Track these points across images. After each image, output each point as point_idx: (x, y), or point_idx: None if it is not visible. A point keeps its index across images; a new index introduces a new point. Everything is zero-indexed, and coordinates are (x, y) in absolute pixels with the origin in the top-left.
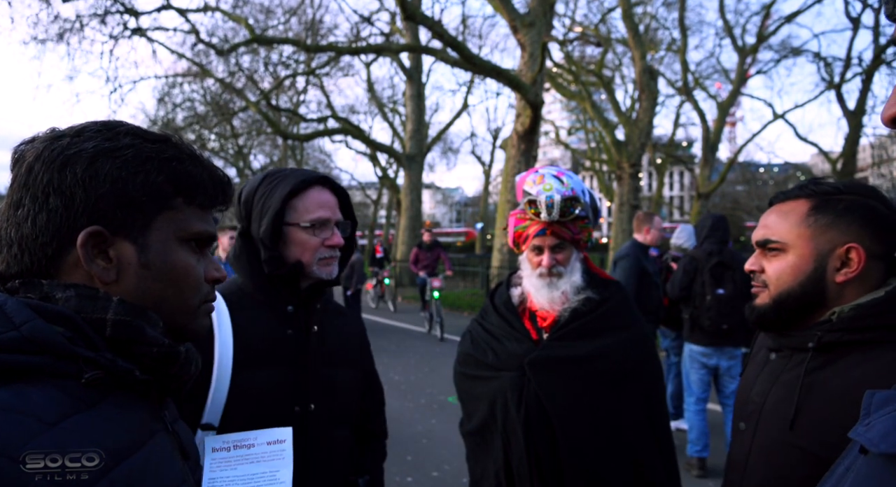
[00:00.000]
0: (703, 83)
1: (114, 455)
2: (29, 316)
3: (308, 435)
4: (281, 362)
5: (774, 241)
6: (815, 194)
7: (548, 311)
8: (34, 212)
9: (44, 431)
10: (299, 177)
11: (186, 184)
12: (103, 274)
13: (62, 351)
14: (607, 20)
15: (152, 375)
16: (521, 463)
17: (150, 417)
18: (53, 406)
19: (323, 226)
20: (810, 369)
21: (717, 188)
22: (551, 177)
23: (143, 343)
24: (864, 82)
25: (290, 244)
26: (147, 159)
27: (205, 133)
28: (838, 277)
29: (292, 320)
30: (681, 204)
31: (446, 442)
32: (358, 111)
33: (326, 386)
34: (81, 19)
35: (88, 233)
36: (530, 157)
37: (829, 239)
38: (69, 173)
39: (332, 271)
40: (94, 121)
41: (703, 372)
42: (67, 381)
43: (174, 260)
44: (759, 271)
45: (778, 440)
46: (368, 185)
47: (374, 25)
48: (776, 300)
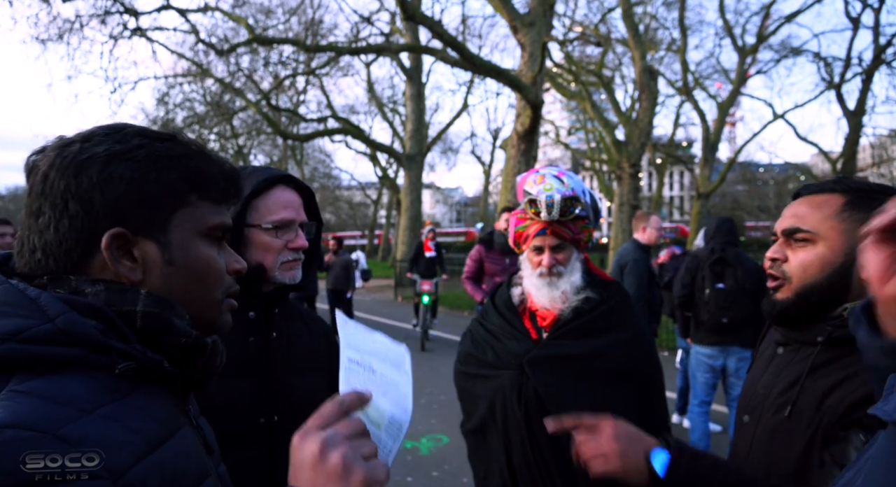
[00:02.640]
0: (703, 83)
1: (149, 443)
2: (63, 309)
3: (275, 450)
4: (244, 372)
5: (805, 231)
6: (850, 189)
7: (548, 311)
8: (55, 219)
9: (82, 417)
10: (261, 175)
11: (199, 179)
12: (130, 274)
13: (95, 343)
14: (607, 20)
15: (179, 368)
16: (522, 461)
17: (177, 410)
18: (90, 395)
19: (286, 227)
20: (816, 363)
21: (717, 188)
22: (552, 177)
23: (171, 334)
24: (864, 82)
25: (251, 246)
26: (159, 158)
27: (205, 133)
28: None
29: (254, 327)
30: (681, 204)
31: (446, 442)
32: (358, 111)
33: (290, 395)
34: (81, 19)
35: (112, 236)
36: (530, 157)
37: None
38: (85, 178)
39: (296, 275)
40: (100, 125)
41: (710, 375)
42: (101, 372)
43: (197, 254)
44: (783, 260)
45: (777, 428)
46: (368, 185)
47: (374, 25)
48: (800, 293)
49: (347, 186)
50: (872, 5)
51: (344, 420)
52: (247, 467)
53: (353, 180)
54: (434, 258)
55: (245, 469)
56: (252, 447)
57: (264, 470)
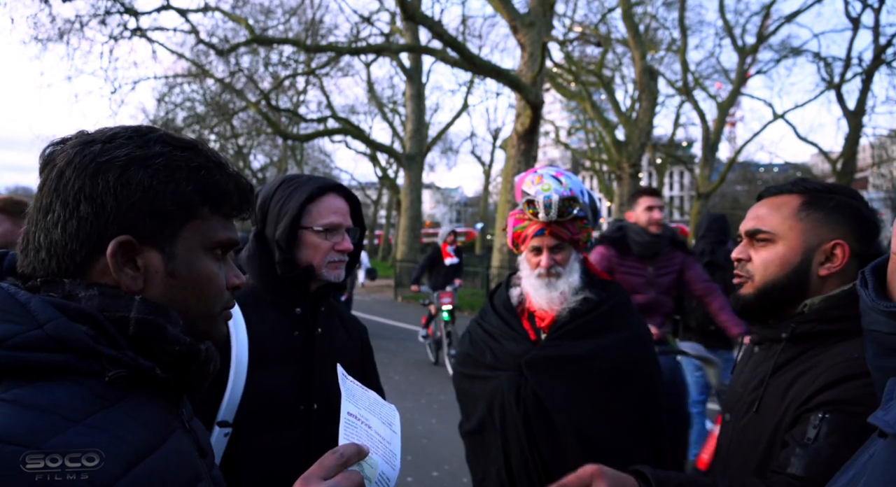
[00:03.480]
0: (703, 83)
1: (137, 452)
2: (52, 314)
3: (312, 434)
4: (289, 362)
5: (765, 232)
6: (806, 191)
7: (546, 311)
8: (64, 219)
9: (68, 427)
10: (317, 183)
11: (213, 193)
12: (131, 283)
13: (85, 349)
14: (607, 20)
15: (172, 373)
16: (520, 462)
17: (169, 415)
18: (78, 403)
19: (335, 230)
20: (780, 361)
21: (717, 188)
22: (549, 178)
23: (165, 341)
24: (864, 82)
25: (302, 247)
26: (178, 168)
27: (205, 133)
28: (822, 271)
29: (300, 322)
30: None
31: (446, 442)
32: (358, 111)
33: (329, 386)
34: (81, 19)
35: (119, 243)
36: (530, 157)
37: (818, 233)
38: (101, 181)
39: (340, 274)
40: (125, 126)
41: (699, 375)
42: (90, 379)
43: (199, 268)
44: (746, 260)
45: (748, 424)
46: (368, 185)
47: (374, 25)
48: (761, 289)
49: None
50: (872, 5)
51: (344, 472)
52: (285, 447)
53: (353, 180)
54: (456, 265)
55: (283, 450)
56: (291, 430)
57: (301, 451)
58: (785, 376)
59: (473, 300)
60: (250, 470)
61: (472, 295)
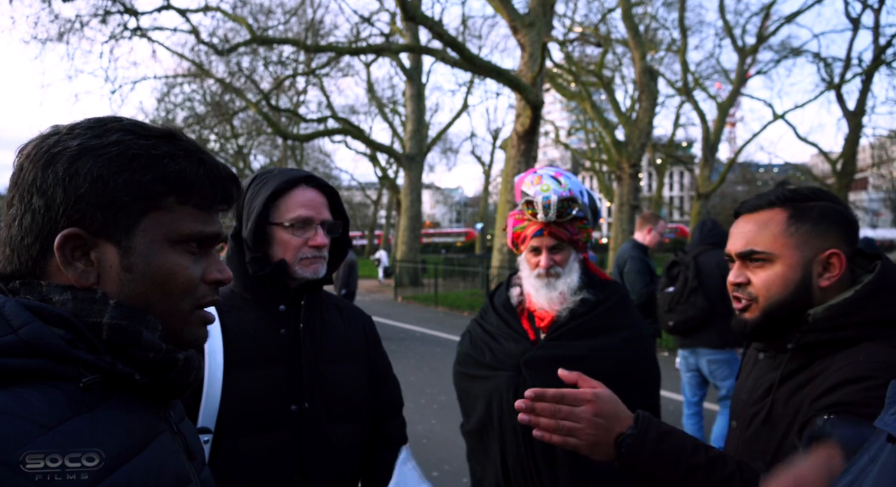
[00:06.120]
0: (703, 83)
1: (114, 458)
2: (27, 318)
3: (304, 434)
4: (274, 361)
5: (760, 252)
6: (787, 202)
7: (546, 311)
8: (20, 213)
9: (41, 434)
10: (283, 176)
11: (179, 182)
12: (81, 278)
13: (62, 354)
14: (607, 20)
15: (151, 378)
16: (516, 462)
17: (154, 418)
18: (52, 409)
19: (305, 225)
20: (787, 371)
21: (716, 188)
22: (549, 178)
23: (139, 347)
24: (864, 82)
25: (273, 244)
26: (134, 157)
27: (205, 133)
28: (822, 282)
29: (285, 319)
30: (681, 204)
31: (446, 442)
32: (358, 111)
33: (321, 382)
34: (81, 19)
35: (65, 236)
36: (530, 158)
37: (811, 246)
38: (51, 172)
39: (318, 270)
40: (91, 117)
41: (690, 375)
42: (67, 384)
43: (160, 262)
44: (745, 283)
45: (758, 433)
46: (368, 185)
47: (374, 26)
48: (767, 311)
49: (347, 186)
50: (872, 6)
51: None
52: (275, 449)
53: (353, 180)
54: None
55: (273, 452)
56: (280, 431)
57: (293, 453)
58: (792, 386)
59: (473, 300)
60: (237, 475)
61: (472, 295)
